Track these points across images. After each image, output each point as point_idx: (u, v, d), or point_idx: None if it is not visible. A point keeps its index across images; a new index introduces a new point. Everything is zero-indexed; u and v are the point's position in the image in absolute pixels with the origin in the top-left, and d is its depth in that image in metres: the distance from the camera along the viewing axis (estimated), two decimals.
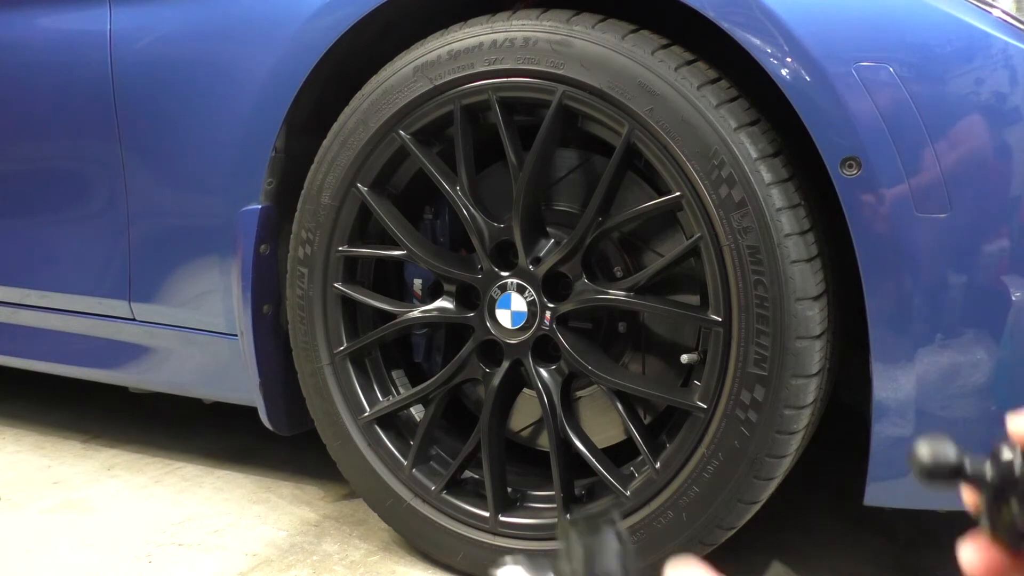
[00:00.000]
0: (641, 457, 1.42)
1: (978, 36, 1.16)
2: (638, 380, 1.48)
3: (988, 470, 0.34)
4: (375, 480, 1.58)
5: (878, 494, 1.27)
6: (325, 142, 1.54)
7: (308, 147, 1.58)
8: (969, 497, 0.35)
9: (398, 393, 1.62)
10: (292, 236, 1.59)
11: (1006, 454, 0.34)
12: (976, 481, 0.35)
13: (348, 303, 1.59)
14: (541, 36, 1.35)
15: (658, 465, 1.37)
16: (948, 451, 0.35)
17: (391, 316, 1.58)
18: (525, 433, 1.65)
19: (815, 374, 1.27)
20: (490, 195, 1.52)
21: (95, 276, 1.89)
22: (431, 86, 1.44)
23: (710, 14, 1.25)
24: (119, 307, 1.86)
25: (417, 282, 1.65)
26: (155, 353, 1.87)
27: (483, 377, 1.50)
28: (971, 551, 0.35)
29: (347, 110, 1.52)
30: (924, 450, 0.35)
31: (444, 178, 1.48)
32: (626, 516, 1.39)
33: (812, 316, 1.24)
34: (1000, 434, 0.37)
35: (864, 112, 1.18)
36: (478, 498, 1.52)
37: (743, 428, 1.28)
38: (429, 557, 1.58)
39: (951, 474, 0.35)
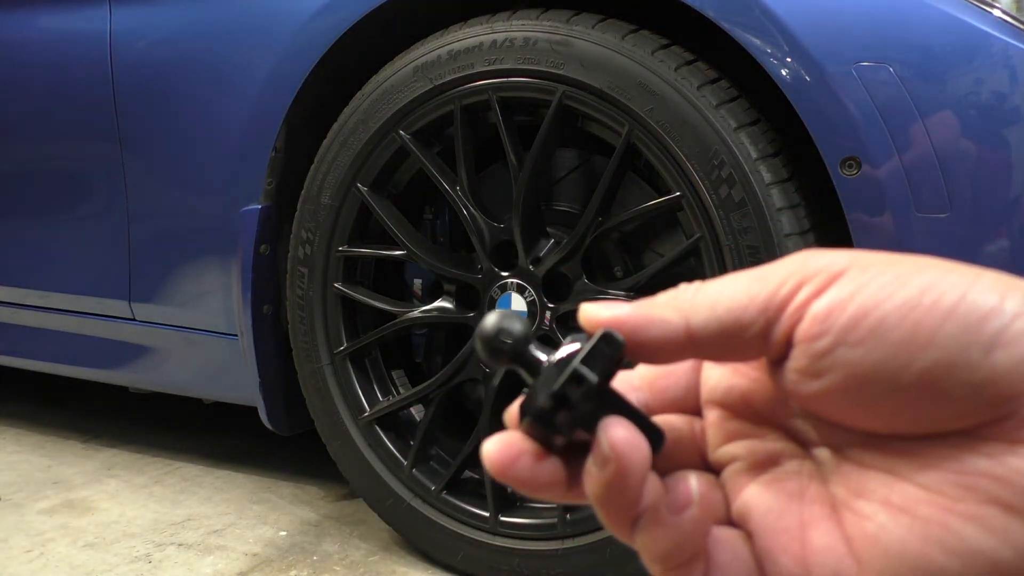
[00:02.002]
0: None
1: (978, 36, 1.16)
2: None
3: (549, 355, 0.32)
4: (375, 480, 1.58)
5: None
6: (325, 142, 1.54)
7: (308, 147, 1.58)
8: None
9: (398, 393, 1.62)
10: (292, 236, 1.59)
11: (570, 343, 0.32)
12: (531, 363, 0.32)
13: (348, 303, 1.59)
14: (541, 36, 1.35)
15: None
16: (515, 325, 0.32)
17: (391, 316, 1.58)
18: None
19: None
20: (490, 195, 1.52)
21: (95, 276, 1.89)
22: (431, 86, 1.44)
23: (710, 14, 1.25)
24: (119, 307, 1.86)
25: (417, 282, 1.65)
26: (155, 353, 1.87)
27: (483, 377, 1.50)
28: (498, 442, 0.32)
29: (347, 110, 1.52)
30: (490, 320, 0.32)
31: (444, 178, 1.48)
32: None
33: None
34: None
35: (864, 112, 1.18)
36: (478, 498, 1.52)
37: None
38: (429, 557, 1.58)
39: (513, 351, 0.32)
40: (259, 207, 1.63)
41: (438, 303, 1.54)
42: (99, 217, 1.85)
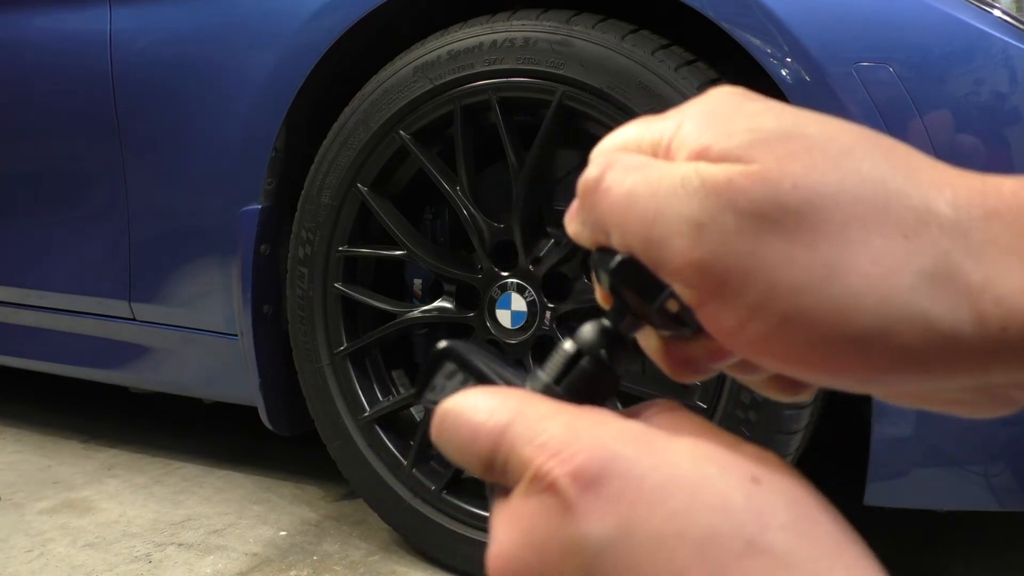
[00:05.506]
0: None
1: (978, 36, 1.16)
2: (638, 379, 1.48)
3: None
4: (375, 480, 1.58)
5: (878, 494, 1.27)
6: (325, 142, 1.54)
7: (308, 147, 1.58)
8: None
9: (398, 393, 1.62)
10: (292, 236, 1.59)
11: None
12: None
13: (348, 303, 1.59)
14: (541, 36, 1.35)
15: None
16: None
17: (391, 316, 1.58)
18: None
19: None
20: (490, 195, 1.52)
21: (95, 276, 1.89)
22: (431, 86, 1.44)
23: (710, 14, 1.25)
24: (119, 307, 1.86)
25: (417, 282, 1.65)
26: (155, 353, 1.87)
27: None
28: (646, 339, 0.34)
29: (347, 110, 1.52)
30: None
31: (444, 178, 1.48)
32: None
33: None
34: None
35: (864, 112, 1.18)
36: (478, 498, 1.52)
37: (743, 428, 1.28)
38: (429, 557, 1.58)
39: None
40: (259, 207, 1.63)
41: (438, 303, 1.54)
42: (99, 217, 1.85)
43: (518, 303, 1.45)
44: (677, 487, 0.26)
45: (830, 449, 1.80)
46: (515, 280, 1.45)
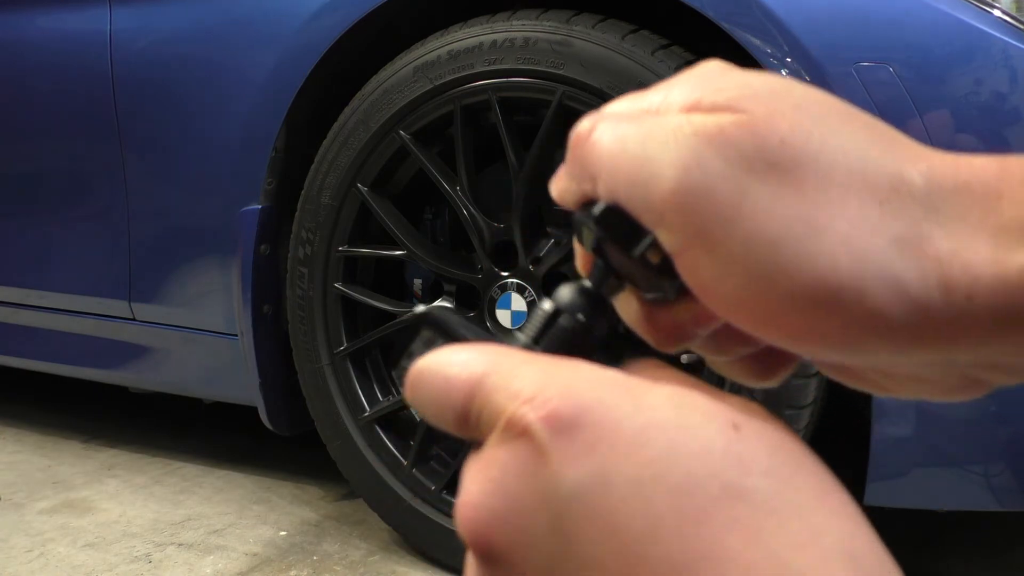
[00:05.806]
0: None
1: (978, 36, 1.16)
2: None
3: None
4: (375, 480, 1.58)
5: (878, 494, 1.27)
6: (325, 142, 1.54)
7: (308, 147, 1.58)
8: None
9: (398, 393, 1.62)
10: (292, 236, 1.59)
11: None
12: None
13: (348, 303, 1.59)
14: (541, 36, 1.35)
15: None
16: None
17: (391, 316, 1.58)
18: None
19: (815, 374, 1.27)
20: (490, 195, 1.52)
21: (95, 276, 1.89)
22: (431, 86, 1.44)
23: (710, 14, 1.25)
24: (119, 307, 1.86)
25: (417, 282, 1.65)
26: (155, 353, 1.87)
27: None
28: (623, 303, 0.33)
29: (347, 110, 1.52)
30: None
31: (444, 178, 1.48)
32: None
33: None
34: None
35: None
36: None
37: None
38: (429, 557, 1.58)
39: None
40: (259, 207, 1.63)
41: (438, 303, 1.54)
42: (99, 217, 1.85)
43: (518, 303, 1.45)
44: (656, 433, 0.26)
45: (830, 449, 1.80)
46: (515, 280, 1.45)
